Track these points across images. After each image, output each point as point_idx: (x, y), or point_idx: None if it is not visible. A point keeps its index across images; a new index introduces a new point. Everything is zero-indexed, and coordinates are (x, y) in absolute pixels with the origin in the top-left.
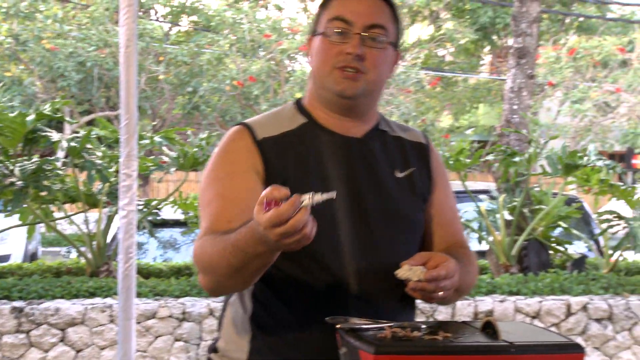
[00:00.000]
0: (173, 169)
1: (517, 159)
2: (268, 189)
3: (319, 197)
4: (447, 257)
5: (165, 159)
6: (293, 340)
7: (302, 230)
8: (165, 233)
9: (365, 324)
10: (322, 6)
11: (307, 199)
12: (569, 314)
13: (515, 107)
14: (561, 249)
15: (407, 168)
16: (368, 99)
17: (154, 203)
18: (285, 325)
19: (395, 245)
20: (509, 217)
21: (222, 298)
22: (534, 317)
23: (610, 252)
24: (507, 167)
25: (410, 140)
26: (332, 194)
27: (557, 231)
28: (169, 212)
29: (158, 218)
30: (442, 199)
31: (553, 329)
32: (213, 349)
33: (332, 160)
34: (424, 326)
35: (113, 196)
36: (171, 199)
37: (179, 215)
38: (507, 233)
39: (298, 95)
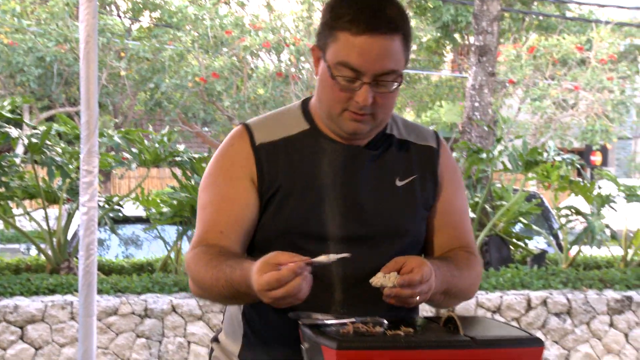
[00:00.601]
0: (134, 166)
1: (483, 155)
2: (272, 253)
3: (333, 257)
4: (423, 260)
5: (127, 155)
6: (280, 339)
7: (296, 295)
8: (127, 230)
9: (328, 320)
10: (329, 27)
11: (325, 257)
12: (529, 308)
13: (476, 104)
14: (521, 244)
15: (409, 175)
16: (377, 129)
17: (115, 199)
18: (273, 325)
19: (387, 255)
20: (471, 214)
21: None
22: (494, 312)
23: (569, 247)
24: (472, 164)
25: (417, 144)
26: (346, 255)
27: (518, 227)
28: (130, 209)
29: (120, 215)
30: (449, 201)
31: (514, 323)
32: (215, 339)
33: (329, 168)
34: (386, 322)
35: (73, 192)
36: (133, 195)
37: (140, 212)
38: None
39: (260, 91)
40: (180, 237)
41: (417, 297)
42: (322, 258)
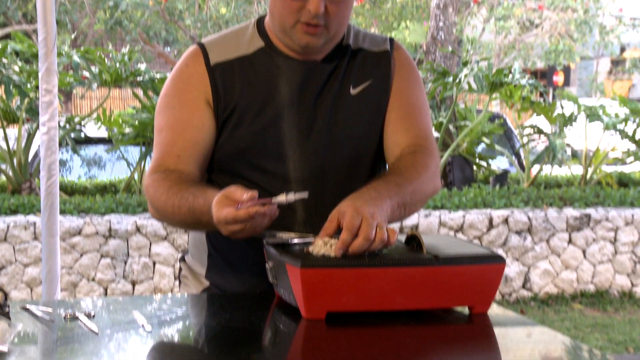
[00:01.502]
0: (95, 85)
1: (449, 79)
2: (232, 188)
3: (292, 197)
4: (354, 208)
5: (87, 74)
6: (245, 259)
7: (254, 231)
8: (90, 150)
9: (292, 239)
10: None
11: (283, 198)
12: (490, 226)
13: (441, 24)
14: (484, 164)
15: (362, 82)
16: (332, 43)
17: (76, 120)
18: (235, 244)
19: (344, 167)
20: (434, 134)
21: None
22: (457, 231)
23: (531, 166)
24: (437, 86)
25: (371, 51)
26: (304, 194)
27: (481, 147)
28: (92, 130)
29: (81, 135)
30: (401, 96)
31: (476, 241)
32: (182, 259)
33: (284, 85)
34: None
35: (33, 112)
36: (94, 115)
37: (103, 132)
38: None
39: (223, 10)
40: (143, 157)
41: (379, 235)
42: (280, 198)
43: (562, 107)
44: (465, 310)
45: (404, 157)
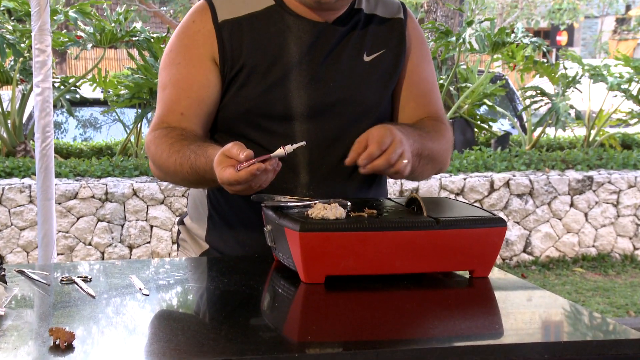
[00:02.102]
0: (90, 45)
1: (452, 39)
2: (229, 145)
3: (290, 148)
4: (382, 127)
5: (81, 34)
6: (245, 221)
7: (260, 187)
8: (85, 112)
9: (291, 202)
10: None
11: (282, 150)
12: (492, 190)
13: None
14: (486, 126)
15: (377, 50)
16: (345, 1)
17: (71, 81)
18: (236, 206)
19: (354, 134)
20: None
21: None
22: (458, 194)
23: (533, 128)
24: (439, 46)
25: (384, 18)
26: (301, 144)
27: (482, 109)
28: (88, 91)
29: (76, 96)
30: (416, 71)
31: (477, 204)
32: (181, 222)
33: (294, 44)
34: (349, 203)
35: (27, 73)
36: (89, 76)
37: (98, 94)
38: None
39: None
40: (139, 119)
41: (399, 162)
42: (278, 152)
43: (565, 68)
44: (466, 274)
45: (425, 120)
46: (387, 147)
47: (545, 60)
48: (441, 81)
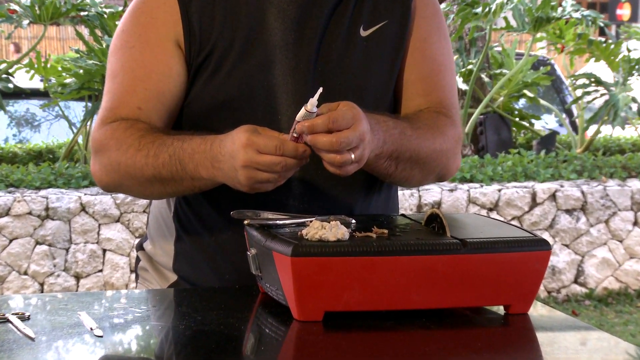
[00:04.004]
0: (26, 22)
1: (478, 10)
2: (260, 128)
3: (314, 100)
4: (352, 110)
5: (15, 8)
6: (223, 244)
7: (281, 181)
8: (20, 106)
9: (281, 219)
10: None
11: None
12: (534, 204)
13: None
14: (526, 124)
15: (376, 23)
16: None
17: (2, 67)
18: (211, 225)
19: None
20: (462, 86)
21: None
22: (491, 209)
23: (586, 126)
24: (465, 21)
25: None
26: (319, 91)
27: (522, 102)
28: (23, 79)
29: (9, 86)
30: (421, 47)
31: (514, 222)
32: (141, 247)
33: (276, 21)
34: (353, 221)
35: None
36: (26, 61)
37: (37, 83)
38: (459, 105)
39: None
40: (89, 116)
41: (344, 154)
42: (302, 112)
43: (629, 50)
44: (500, 310)
45: (423, 113)
46: (341, 129)
47: (602, 40)
48: (470, 67)
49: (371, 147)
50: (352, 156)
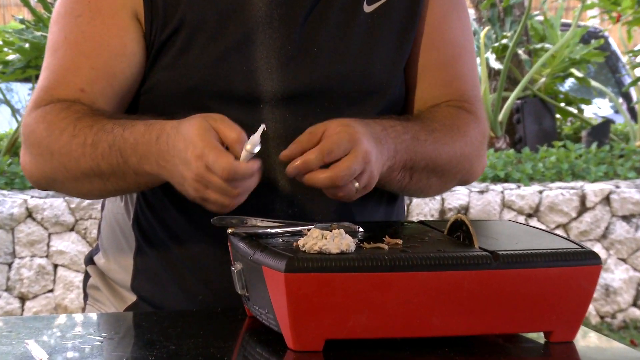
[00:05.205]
0: None
1: None
2: (216, 116)
3: (254, 139)
4: (346, 128)
5: None
6: (198, 257)
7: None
8: None
9: (272, 226)
10: None
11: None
12: (583, 209)
13: None
14: (573, 110)
15: None
16: None
17: None
18: (178, 235)
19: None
20: (495, 64)
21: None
22: (530, 215)
23: None
24: None
25: None
26: (261, 128)
27: (569, 83)
28: None
29: None
30: (437, 27)
31: (559, 232)
32: (90, 261)
33: None
34: (360, 229)
35: None
36: None
37: None
38: (491, 87)
39: None
40: None
41: (348, 185)
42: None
43: None
44: (541, 337)
45: (440, 108)
46: (339, 157)
47: None
48: (504, 41)
49: (380, 163)
50: (357, 185)
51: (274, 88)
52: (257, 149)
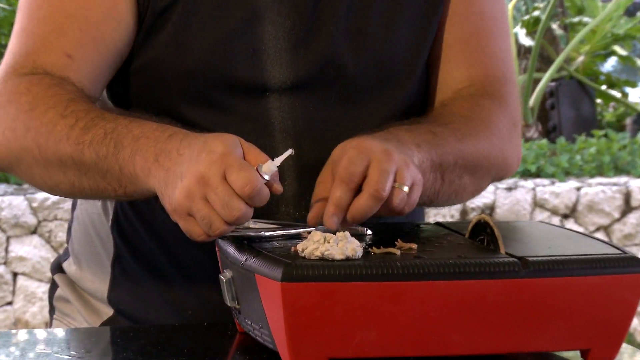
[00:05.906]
0: None
1: None
2: (247, 142)
3: (278, 161)
4: (349, 145)
5: None
6: (183, 264)
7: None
8: None
9: (268, 228)
10: None
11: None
12: (627, 208)
13: None
14: (616, 94)
15: None
16: None
17: None
18: (165, 239)
19: (368, 116)
20: (526, 40)
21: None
22: (566, 216)
23: None
24: None
25: None
26: (290, 152)
27: (611, 63)
28: None
29: None
30: (467, 7)
31: (599, 235)
32: (59, 268)
33: None
34: (369, 231)
35: None
36: None
37: None
38: (520, 68)
39: None
40: None
41: (396, 192)
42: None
43: None
44: (577, 356)
45: (455, 100)
46: (363, 173)
47: None
48: (536, 13)
49: (406, 156)
50: (404, 188)
51: (283, 74)
52: (268, 175)
